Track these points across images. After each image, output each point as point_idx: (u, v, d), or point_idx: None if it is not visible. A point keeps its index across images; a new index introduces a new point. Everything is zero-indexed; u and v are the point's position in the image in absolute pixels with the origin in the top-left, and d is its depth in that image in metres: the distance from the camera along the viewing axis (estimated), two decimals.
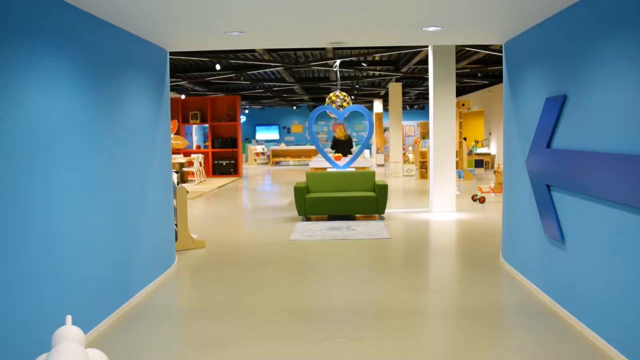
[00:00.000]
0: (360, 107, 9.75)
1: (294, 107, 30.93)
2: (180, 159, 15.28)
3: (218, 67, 11.57)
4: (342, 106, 11.01)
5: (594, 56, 3.71)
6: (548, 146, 4.46)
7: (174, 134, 12.10)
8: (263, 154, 26.09)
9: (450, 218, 8.98)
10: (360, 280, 5.46)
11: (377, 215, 8.87)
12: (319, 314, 4.48)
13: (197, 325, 4.26)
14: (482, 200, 10.61)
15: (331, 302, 4.79)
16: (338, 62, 11.46)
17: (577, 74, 3.96)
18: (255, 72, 15.38)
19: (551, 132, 4.38)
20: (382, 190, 8.68)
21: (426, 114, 31.95)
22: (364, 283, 5.36)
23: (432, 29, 5.03)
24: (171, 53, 12.39)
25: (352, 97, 23.54)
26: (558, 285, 4.37)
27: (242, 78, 14.40)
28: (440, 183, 9.52)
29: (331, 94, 11.35)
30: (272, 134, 32.51)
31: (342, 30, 5.15)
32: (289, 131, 32.45)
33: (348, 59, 13.32)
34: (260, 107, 31.55)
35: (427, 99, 28.02)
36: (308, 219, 8.87)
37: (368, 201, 8.66)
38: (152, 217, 5.29)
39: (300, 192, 8.68)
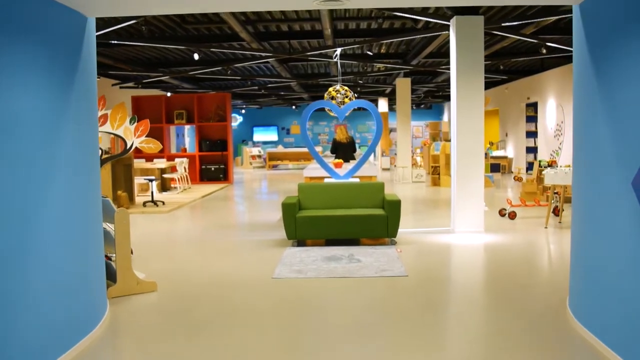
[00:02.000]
0: (365, 102, 7.93)
1: (293, 107, 29.13)
2: (160, 164, 13.49)
3: (196, 56, 9.78)
4: (343, 103, 9.20)
5: None
6: None
7: (145, 137, 10.27)
8: (259, 156, 24.28)
9: (479, 242, 7.15)
10: (364, 357, 3.63)
11: (387, 239, 7.03)
12: None
13: None
14: (512, 215, 8.77)
15: None
16: (339, 50, 9.66)
17: None
18: (244, 64, 13.57)
19: None
20: (393, 208, 6.85)
21: (434, 114, 30.09)
22: None
23: None
24: (146, 40, 10.64)
25: (355, 94, 21.73)
26: None
27: (228, 72, 12.60)
28: (464, 197, 7.68)
29: (330, 89, 9.54)
30: (271, 135, 30.74)
31: None
32: (288, 132, 30.67)
33: (350, 47, 11.51)
34: (258, 106, 29.77)
35: (436, 97, 26.19)
36: (301, 244, 7.04)
37: (376, 221, 6.83)
38: (51, 260, 3.48)
39: (290, 210, 6.85)
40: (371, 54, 10.01)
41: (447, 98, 26.33)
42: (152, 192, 11.09)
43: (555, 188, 8.26)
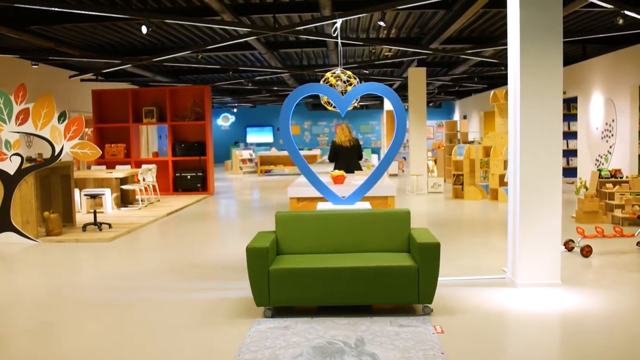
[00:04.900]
0: (380, 87, 5.27)
1: None
2: (119, 172, 10.88)
3: (144, 29, 7.18)
4: (346, 92, 6.53)
5: None
6: None
7: (79, 139, 7.68)
8: (250, 160, 21.63)
9: (558, 306, 4.51)
10: None
11: (418, 303, 4.36)
12: None
13: None
14: (586, 252, 6.13)
15: None
16: (339, 22, 7.05)
17: None
18: (222, 47, 10.97)
19: None
20: (428, 254, 4.21)
21: (444, 113, 27.42)
22: None
23: None
24: (81, 7, 7.78)
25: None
26: None
27: (199, 57, 10.00)
28: (531, 232, 5.03)
29: (328, 74, 6.87)
30: (266, 136, 28.13)
31: None
32: None
33: (354, 18, 8.93)
34: (251, 105, 27.16)
35: (449, 93, 23.48)
36: (279, 311, 4.41)
37: (400, 277, 4.19)
38: None
39: (259, 259, 4.21)
40: (383, 24, 7.39)
41: (461, 95, 23.67)
42: (94, 212, 8.46)
43: None
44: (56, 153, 7.68)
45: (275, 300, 4.22)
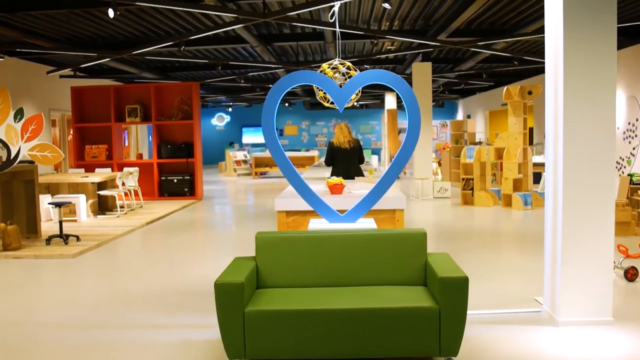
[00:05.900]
0: (385, 74, 4.26)
1: (287, 105, 25.52)
2: (95, 177, 9.89)
3: (111, 13, 6.21)
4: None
5: None
6: None
7: (37, 140, 6.70)
8: (245, 162, 20.64)
9: (612, 354, 3.53)
10: None
11: (440, 356, 3.36)
12: None
13: None
14: (631, 275, 5.14)
15: None
16: (337, 5, 6.07)
17: None
18: (201, 37, 10.00)
19: None
20: (453, 291, 3.23)
21: (446, 113, 26.44)
22: None
23: None
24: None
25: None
26: None
27: (182, 48, 9.01)
28: (576, 255, 4.05)
29: (325, 65, 5.87)
30: (262, 136, 27.11)
31: None
32: (281, 133, 27.09)
33: (354, 3, 8.00)
34: (247, 104, 26.19)
35: (453, 92, 22.47)
36: None
37: (416, 320, 3.21)
38: None
39: (232, 297, 3.23)
40: (389, 6, 6.42)
41: (464, 93, 22.71)
42: (60, 223, 7.47)
43: None
44: (12, 156, 6.69)
45: (252, 352, 3.23)
